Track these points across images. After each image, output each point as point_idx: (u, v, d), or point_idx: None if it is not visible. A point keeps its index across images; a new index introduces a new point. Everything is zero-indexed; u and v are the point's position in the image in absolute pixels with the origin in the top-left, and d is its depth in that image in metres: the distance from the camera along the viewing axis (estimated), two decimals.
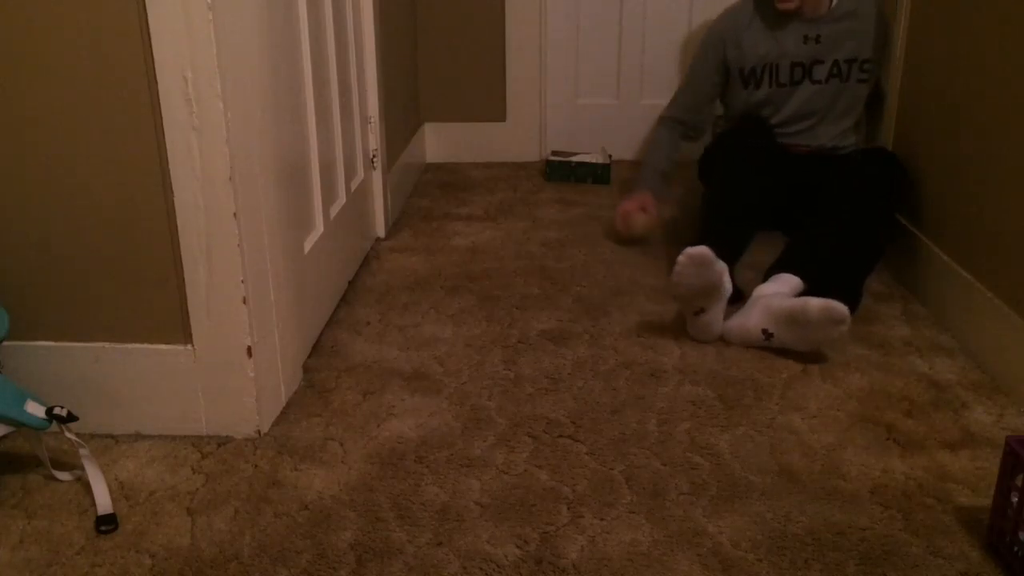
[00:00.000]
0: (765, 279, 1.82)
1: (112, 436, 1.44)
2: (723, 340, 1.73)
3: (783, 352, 1.69)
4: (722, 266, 1.67)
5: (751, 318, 1.70)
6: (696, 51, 2.31)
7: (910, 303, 1.92)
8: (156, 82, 1.26)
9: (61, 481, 1.33)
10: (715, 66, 2.24)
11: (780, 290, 1.75)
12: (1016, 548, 1.12)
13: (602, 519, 1.24)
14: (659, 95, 2.78)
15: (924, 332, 1.79)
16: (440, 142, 3.08)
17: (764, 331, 1.68)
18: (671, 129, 2.36)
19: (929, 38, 1.94)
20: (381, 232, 2.34)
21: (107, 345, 1.40)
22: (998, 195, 1.63)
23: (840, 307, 1.60)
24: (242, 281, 1.36)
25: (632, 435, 1.44)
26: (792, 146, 2.19)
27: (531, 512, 1.26)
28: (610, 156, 2.85)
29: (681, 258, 1.63)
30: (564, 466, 1.36)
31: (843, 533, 1.21)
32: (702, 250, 1.63)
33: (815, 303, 1.61)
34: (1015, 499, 1.12)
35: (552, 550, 1.18)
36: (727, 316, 1.74)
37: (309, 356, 1.70)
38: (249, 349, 1.39)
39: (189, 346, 1.40)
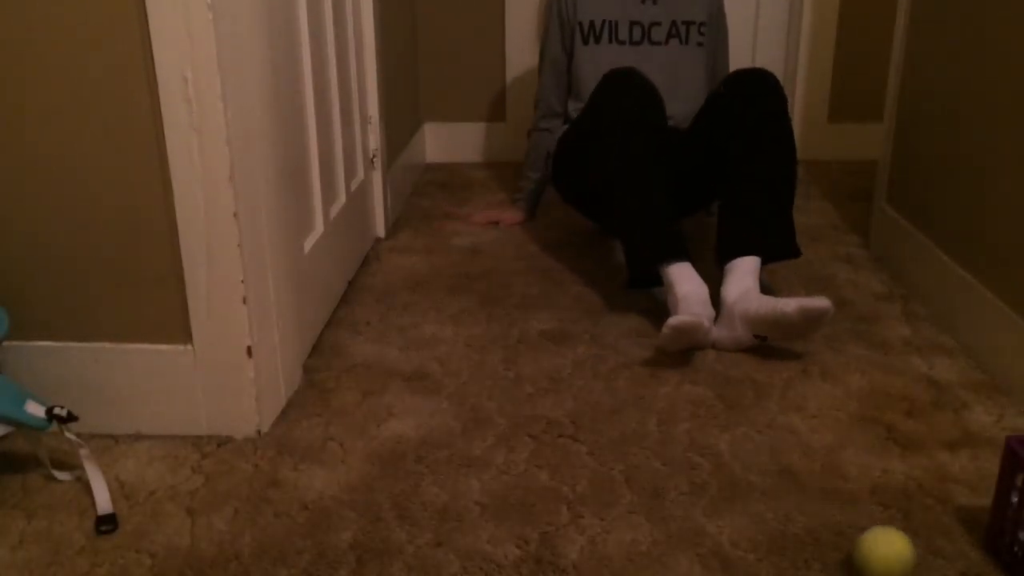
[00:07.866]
0: (719, 264, 1.78)
1: (112, 436, 1.44)
2: (716, 349, 1.73)
3: (783, 352, 1.69)
4: (707, 323, 1.63)
5: (737, 328, 1.68)
6: (544, 25, 2.32)
7: (910, 303, 1.92)
8: (156, 82, 1.26)
9: (61, 481, 1.33)
10: (559, 25, 2.26)
11: (745, 285, 1.71)
12: (1016, 548, 1.12)
13: (602, 519, 1.24)
14: None
15: (924, 332, 1.79)
16: (440, 142, 3.08)
17: (756, 336, 1.67)
18: (542, 136, 2.35)
19: (929, 38, 1.94)
20: (381, 232, 2.34)
21: (107, 345, 1.40)
22: (998, 195, 1.63)
23: (817, 304, 1.57)
24: (242, 281, 1.36)
25: (632, 435, 1.44)
26: None
27: (531, 512, 1.26)
28: None
29: (666, 331, 1.59)
30: (564, 466, 1.36)
31: (843, 533, 1.21)
32: (687, 321, 1.58)
33: (791, 308, 1.58)
34: (1015, 499, 1.12)
35: (552, 550, 1.18)
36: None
37: (309, 356, 1.70)
38: (249, 349, 1.39)
39: (189, 346, 1.40)
